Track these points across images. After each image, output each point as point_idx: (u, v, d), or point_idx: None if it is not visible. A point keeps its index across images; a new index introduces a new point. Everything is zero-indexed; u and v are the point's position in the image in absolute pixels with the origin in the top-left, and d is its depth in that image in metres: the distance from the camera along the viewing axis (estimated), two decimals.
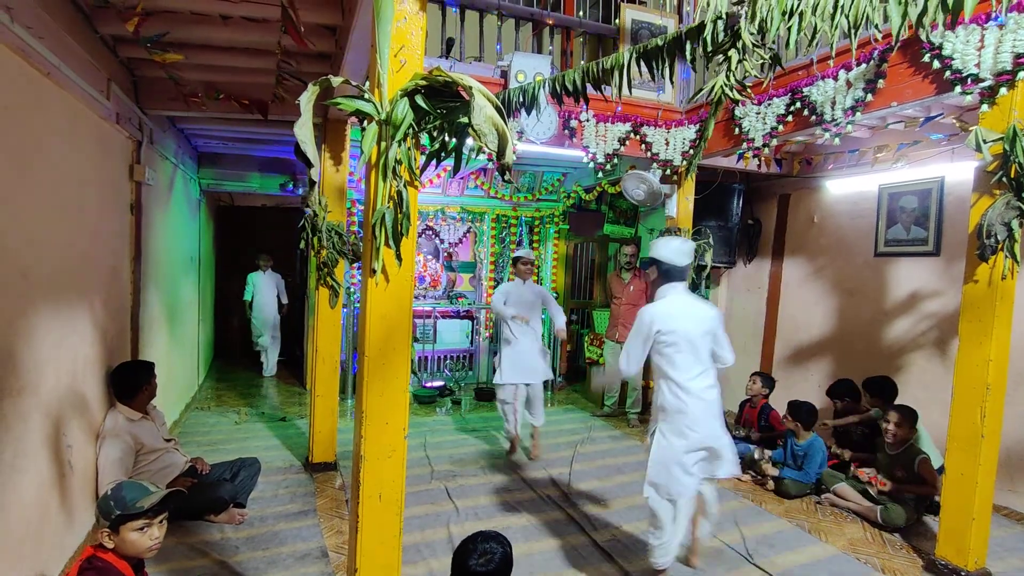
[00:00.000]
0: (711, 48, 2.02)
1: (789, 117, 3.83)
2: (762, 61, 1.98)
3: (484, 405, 6.28)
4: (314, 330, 4.18)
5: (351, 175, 5.43)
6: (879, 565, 3.13)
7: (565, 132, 4.39)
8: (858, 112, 3.37)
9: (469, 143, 1.81)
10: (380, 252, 1.80)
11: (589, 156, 4.48)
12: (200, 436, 4.86)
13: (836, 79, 3.48)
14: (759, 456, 4.39)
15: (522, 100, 2.87)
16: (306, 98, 1.65)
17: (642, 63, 2.27)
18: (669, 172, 4.87)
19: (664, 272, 2.74)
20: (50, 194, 2.55)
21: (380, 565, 1.94)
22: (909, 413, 3.68)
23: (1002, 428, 2.92)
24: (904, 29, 1.67)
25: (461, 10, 4.29)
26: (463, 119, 1.70)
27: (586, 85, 2.47)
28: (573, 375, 7.54)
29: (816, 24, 1.76)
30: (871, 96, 3.29)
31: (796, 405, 4.15)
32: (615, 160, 4.56)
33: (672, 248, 2.74)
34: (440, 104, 1.73)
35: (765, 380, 4.73)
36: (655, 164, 4.76)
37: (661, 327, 2.65)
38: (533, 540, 3.29)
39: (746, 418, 4.94)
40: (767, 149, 4.06)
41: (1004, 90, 2.68)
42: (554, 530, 3.42)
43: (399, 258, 1.83)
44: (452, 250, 7.22)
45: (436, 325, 6.86)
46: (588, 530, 3.41)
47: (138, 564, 1.95)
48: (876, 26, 1.73)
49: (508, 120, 1.75)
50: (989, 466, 2.86)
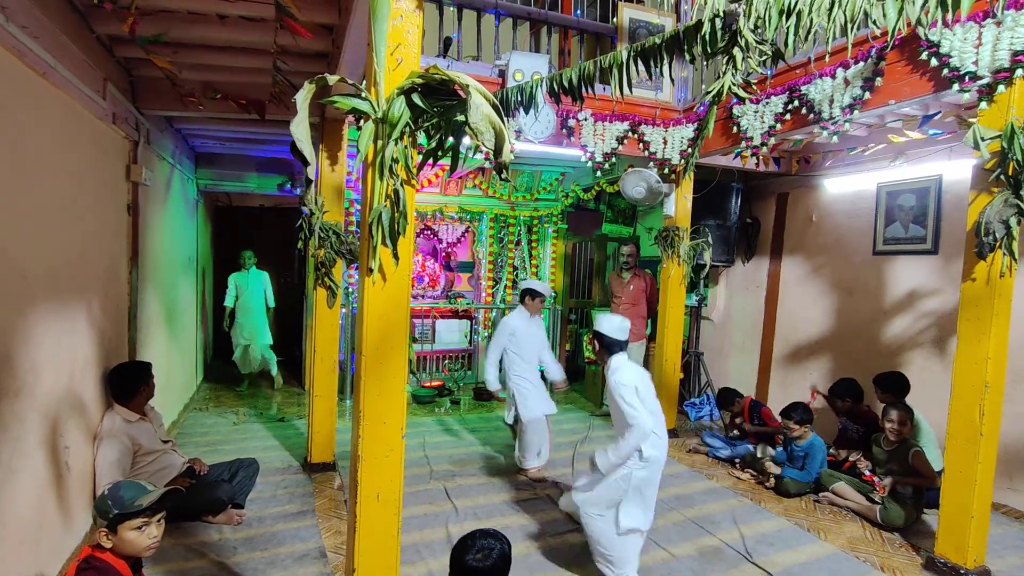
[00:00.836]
0: (710, 47, 2.01)
1: (787, 115, 3.83)
2: (764, 57, 1.98)
3: (483, 405, 6.27)
4: (312, 330, 4.18)
5: (349, 175, 5.43)
6: (878, 563, 3.13)
7: (563, 131, 4.38)
8: (856, 110, 3.37)
9: (466, 142, 1.81)
10: (377, 251, 1.80)
11: (587, 155, 4.48)
12: (198, 437, 4.85)
13: (834, 77, 3.48)
14: (760, 455, 4.39)
15: (520, 99, 2.86)
16: (302, 96, 1.64)
17: (640, 62, 2.26)
18: (667, 171, 4.87)
19: (608, 345, 2.99)
20: (46, 195, 2.54)
21: (379, 565, 1.93)
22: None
23: (1001, 426, 2.92)
24: (902, 25, 1.66)
25: (459, 9, 4.29)
26: (460, 118, 1.69)
27: (584, 84, 2.47)
28: (572, 375, 7.53)
29: (813, 21, 1.76)
30: (869, 94, 3.29)
31: (788, 409, 4.13)
32: (613, 159, 4.56)
33: (614, 326, 3.00)
34: (437, 103, 1.72)
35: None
36: (652, 163, 4.76)
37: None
38: (532, 540, 3.28)
39: (736, 426, 4.93)
40: (765, 148, 4.06)
41: (1002, 87, 2.68)
42: (553, 529, 3.41)
43: (396, 257, 1.83)
44: (450, 250, 7.22)
45: (435, 325, 6.85)
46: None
47: (136, 564, 1.95)
48: (874, 22, 1.73)
49: (506, 119, 1.74)
50: (988, 464, 2.86)
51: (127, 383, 3.23)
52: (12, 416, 2.22)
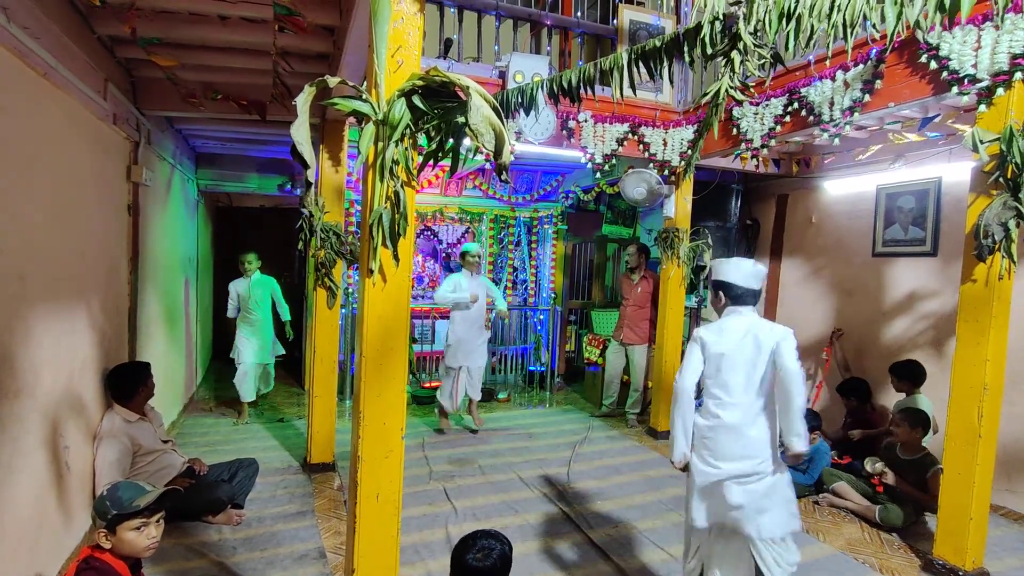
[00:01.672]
0: (710, 49, 2.02)
1: (787, 118, 3.84)
2: (763, 60, 1.99)
3: (482, 405, 6.26)
4: (312, 331, 4.18)
5: (349, 175, 5.43)
6: (877, 565, 3.14)
7: (563, 132, 4.39)
8: (856, 112, 3.37)
9: (467, 143, 1.82)
10: (378, 252, 1.80)
11: (587, 156, 4.49)
12: (198, 437, 4.85)
13: (834, 80, 3.48)
14: None
15: (520, 100, 2.87)
16: (303, 99, 1.64)
17: (641, 64, 2.27)
18: (667, 172, 4.88)
19: (735, 296, 2.46)
20: (47, 195, 2.54)
21: (378, 565, 1.94)
22: (915, 418, 3.66)
23: (999, 428, 2.92)
24: (901, 28, 1.67)
25: (459, 10, 4.29)
26: (460, 119, 1.70)
27: (584, 86, 2.47)
28: (572, 376, 7.54)
29: (813, 25, 1.76)
30: (869, 97, 3.30)
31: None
32: (613, 160, 4.57)
33: (746, 271, 2.46)
34: (437, 104, 1.73)
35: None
36: (652, 164, 4.77)
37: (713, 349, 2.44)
38: (531, 539, 3.29)
39: None
40: (765, 150, 4.07)
41: (1001, 91, 2.68)
42: (552, 530, 3.42)
43: (396, 258, 1.83)
44: (450, 250, 7.22)
45: (434, 325, 6.85)
46: (585, 529, 3.41)
47: (135, 564, 1.95)
48: (874, 26, 1.73)
49: (506, 120, 1.75)
50: (987, 466, 2.87)
51: (126, 383, 3.23)
52: (12, 416, 2.22)
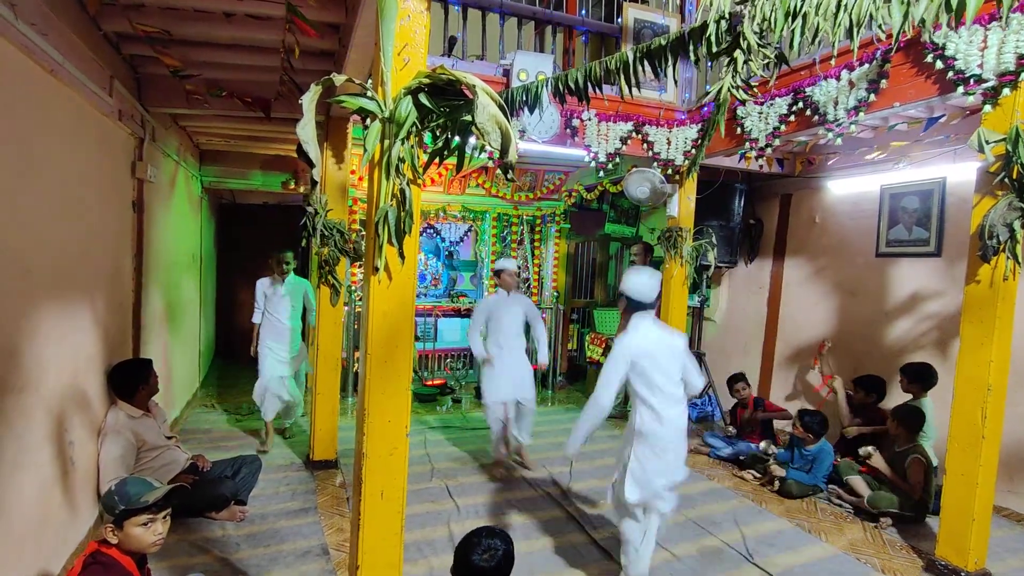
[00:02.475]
0: (715, 48, 2.01)
1: (791, 117, 3.83)
2: (767, 60, 1.98)
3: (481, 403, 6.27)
4: (315, 328, 4.19)
5: (352, 172, 5.43)
6: (879, 565, 3.14)
7: (567, 131, 4.38)
8: (861, 112, 3.36)
9: (472, 141, 1.82)
10: (383, 250, 1.80)
11: (591, 155, 4.48)
12: (201, 433, 4.86)
13: (839, 79, 3.47)
14: (765, 447, 4.38)
15: (525, 99, 2.87)
16: (308, 98, 1.65)
17: (645, 63, 2.27)
18: (671, 172, 4.87)
19: (633, 305, 2.73)
20: (53, 191, 2.55)
21: (382, 562, 1.94)
22: (906, 419, 3.74)
23: (1003, 429, 2.92)
24: (908, 27, 1.66)
25: (464, 8, 4.28)
26: (466, 118, 1.70)
27: (590, 85, 2.47)
28: (574, 375, 7.55)
29: (819, 24, 1.76)
30: (874, 96, 3.29)
31: (809, 417, 4.12)
32: (617, 159, 4.56)
33: (641, 282, 2.72)
34: (443, 103, 1.73)
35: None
36: (656, 163, 4.76)
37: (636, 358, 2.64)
38: (533, 538, 3.29)
39: (741, 419, 4.95)
40: (769, 149, 4.06)
41: (1007, 91, 2.68)
42: (554, 528, 3.42)
43: (402, 256, 1.83)
44: (453, 249, 7.23)
45: (437, 323, 6.86)
46: (587, 528, 3.42)
47: (141, 560, 1.96)
48: (880, 26, 1.73)
49: (510, 119, 1.75)
50: (990, 467, 2.86)
51: (126, 381, 3.23)
52: (17, 411, 2.23)
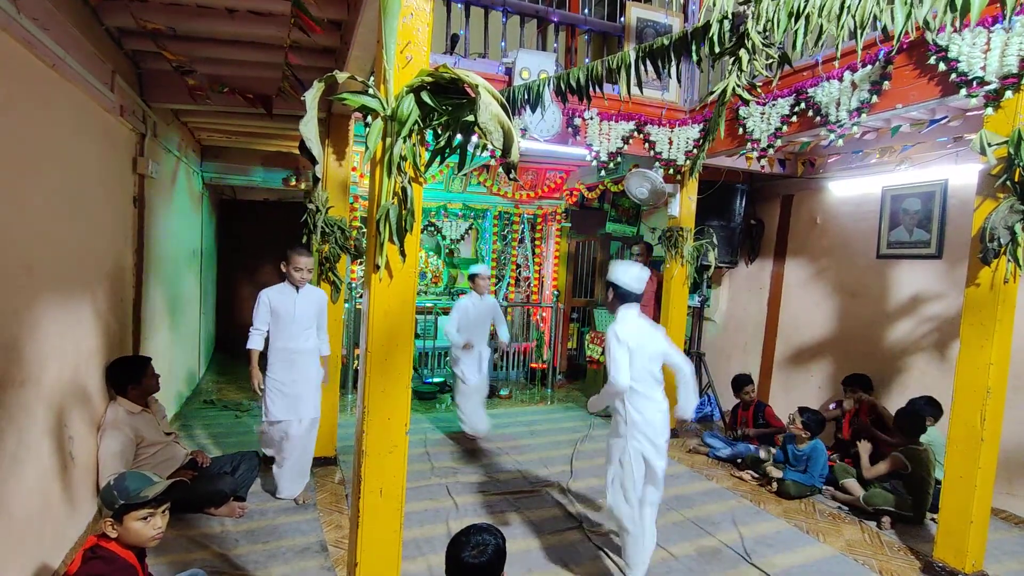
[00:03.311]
0: (718, 48, 2.01)
1: (794, 118, 3.83)
2: (771, 60, 1.98)
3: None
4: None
5: (353, 169, 5.43)
6: (876, 566, 3.14)
7: (569, 130, 4.38)
8: (863, 113, 3.36)
9: (474, 140, 1.82)
10: (384, 248, 1.80)
11: (592, 154, 4.48)
12: (200, 429, 4.87)
13: (841, 80, 3.47)
14: (765, 456, 4.40)
15: (527, 97, 2.87)
16: (311, 95, 1.65)
17: (648, 62, 2.27)
18: (672, 171, 4.87)
19: (621, 295, 2.89)
20: (54, 187, 2.55)
21: (381, 560, 1.95)
22: (903, 424, 3.79)
23: (1002, 432, 2.92)
24: (911, 28, 1.66)
25: (466, 6, 4.28)
26: (469, 117, 1.70)
27: (592, 84, 2.47)
28: (573, 373, 7.55)
29: (823, 25, 1.76)
30: (876, 98, 3.29)
31: (809, 414, 4.14)
32: (618, 158, 4.56)
33: (632, 275, 2.88)
34: (446, 101, 1.73)
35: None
36: (658, 163, 4.76)
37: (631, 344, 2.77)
38: (532, 537, 3.30)
39: (742, 419, 4.96)
40: (771, 150, 4.06)
41: (1009, 93, 2.67)
42: (553, 527, 3.43)
43: (403, 254, 1.83)
44: (454, 247, 7.23)
45: (437, 321, 6.86)
46: (586, 527, 3.42)
47: (140, 554, 1.97)
48: (883, 29, 1.73)
49: (512, 117, 1.75)
50: (988, 469, 2.87)
51: (122, 378, 3.23)
52: (18, 406, 2.24)
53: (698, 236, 5.01)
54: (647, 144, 4.64)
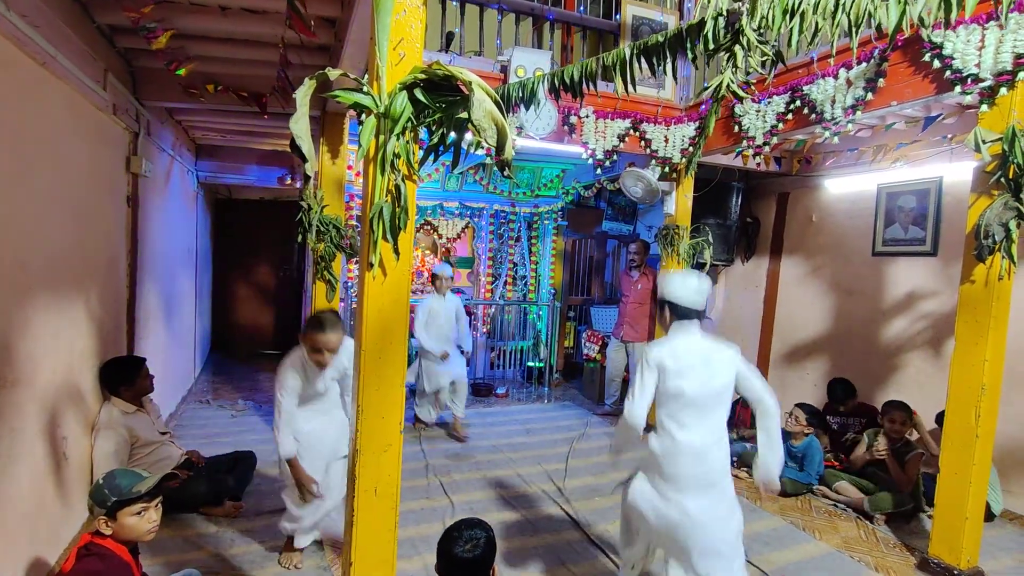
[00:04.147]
0: (712, 45, 2.01)
1: (789, 115, 3.82)
2: (765, 58, 1.97)
3: (480, 400, 6.29)
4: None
5: (349, 168, 5.41)
6: (872, 563, 3.15)
7: (564, 128, 4.37)
8: (858, 111, 3.36)
9: (468, 138, 1.81)
10: (378, 246, 1.79)
11: (588, 152, 4.47)
12: (196, 429, 4.85)
13: (836, 77, 3.47)
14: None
15: (521, 95, 2.85)
16: (302, 93, 1.63)
17: (643, 59, 2.26)
18: (668, 169, 4.87)
19: (679, 312, 2.40)
20: (46, 186, 2.53)
21: (376, 559, 1.94)
22: (905, 409, 3.81)
23: (996, 428, 2.93)
24: (905, 25, 1.66)
25: (461, 3, 4.27)
26: (462, 114, 1.69)
27: (586, 81, 2.46)
28: (570, 372, 7.55)
29: (818, 23, 1.75)
30: (871, 95, 3.29)
31: (810, 411, 4.14)
32: (614, 157, 4.55)
33: (691, 288, 2.41)
34: (439, 98, 1.71)
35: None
36: (654, 161, 4.75)
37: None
38: (527, 535, 3.29)
39: (739, 418, 4.96)
40: (767, 147, 4.05)
41: (1004, 90, 2.67)
42: (548, 525, 3.43)
43: (397, 252, 1.82)
44: (450, 245, 7.21)
45: None
46: (582, 525, 3.42)
47: (132, 550, 1.97)
48: (878, 27, 1.72)
49: (507, 115, 1.74)
50: (983, 466, 2.87)
51: (116, 379, 3.21)
52: (11, 406, 2.22)
53: (694, 234, 5.01)
54: (643, 142, 4.63)
